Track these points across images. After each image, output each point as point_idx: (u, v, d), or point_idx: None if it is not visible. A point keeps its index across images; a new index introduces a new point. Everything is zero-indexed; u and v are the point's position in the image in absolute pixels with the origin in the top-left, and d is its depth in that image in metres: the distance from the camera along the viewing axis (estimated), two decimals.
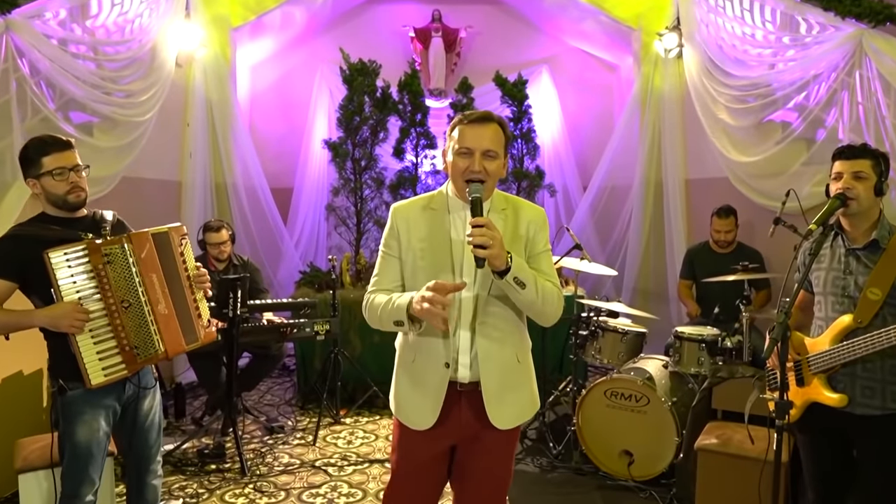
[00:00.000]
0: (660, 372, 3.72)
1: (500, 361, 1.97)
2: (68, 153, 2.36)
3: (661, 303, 5.79)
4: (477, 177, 1.89)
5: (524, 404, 2.05)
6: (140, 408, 2.50)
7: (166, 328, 2.41)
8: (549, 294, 1.93)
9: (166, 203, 5.40)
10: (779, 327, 1.94)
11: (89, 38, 4.24)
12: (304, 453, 4.01)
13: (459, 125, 1.96)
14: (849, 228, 2.22)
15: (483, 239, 1.75)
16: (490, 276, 1.88)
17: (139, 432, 2.52)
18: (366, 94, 5.67)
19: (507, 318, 1.99)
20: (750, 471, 2.64)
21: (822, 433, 2.27)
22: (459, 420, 1.98)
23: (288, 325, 4.08)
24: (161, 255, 2.44)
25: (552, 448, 3.95)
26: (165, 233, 2.50)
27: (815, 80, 4.10)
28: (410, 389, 2.02)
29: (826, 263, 2.26)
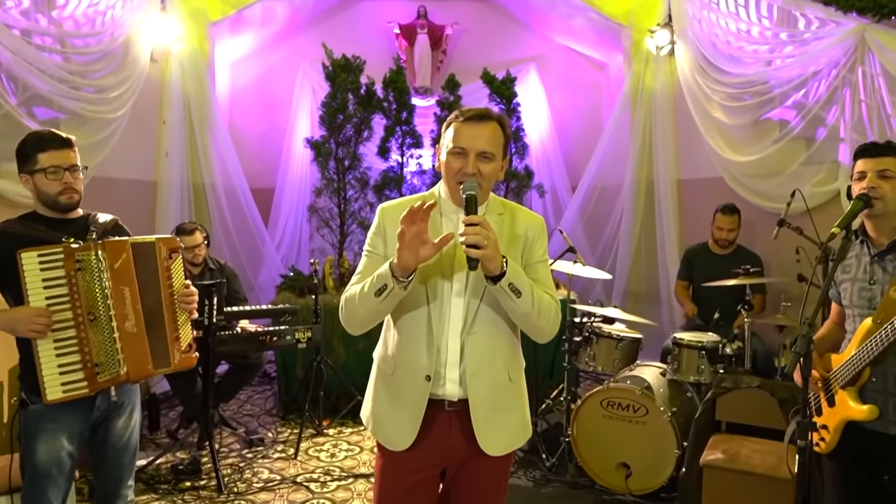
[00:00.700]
0: (658, 380, 3.57)
1: (491, 378, 1.81)
2: (66, 152, 2.24)
3: (653, 306, 5.65)
4: (471, 179, 1.74)
5: (515, 429, 1.88)
6: (113, 427, 2.31)
7: (132, 348, 2.21)
8: (545, 307, 1.77)
9: (140, 205, 5.17)
10: (801, 340, 1.77)
11: (55, 30, 4.01)
12: (285, 468, 3.80)
13: (455, 122, 1.81)
14: (873, 233, 2.07)
15: (477, 238, 1.60)
16: (483, 283, 1.74)
17: (111, 453, 2.33)
18: (350, 92, 5.47)
19: (500, 331, 1.83)
20: (759, 488, 2.50)
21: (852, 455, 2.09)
22: (448, 443, 1.82)
23: (268, 332, 3.88)
24: (141, 266, 2.26)
25: (545, 460, 3.78)
26: (151, 244, 2.31)
27: (815, 77, 3.99)
28: (389, 405, 1.86)
29: (852, 274, 2.10)
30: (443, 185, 1.88)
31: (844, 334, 2.18)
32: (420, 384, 1.78)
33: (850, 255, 2.12)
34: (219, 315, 3.53)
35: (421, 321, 1.80)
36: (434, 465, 1.86)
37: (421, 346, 1.79)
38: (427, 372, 1.78)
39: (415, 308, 1.80)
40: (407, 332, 1.82)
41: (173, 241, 2.38)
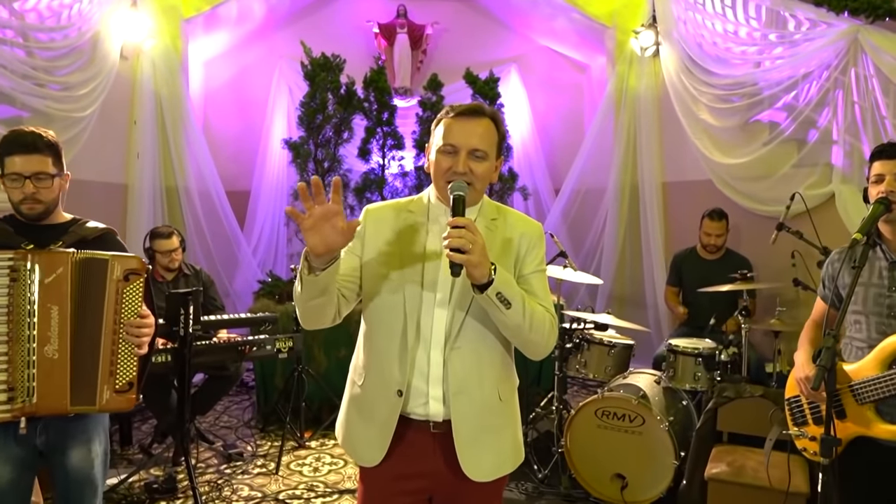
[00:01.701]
0: (653, 388, 3.47)
1: (479, 397, 1.67)
2: (31, 157, 2.02)
3: (639, 310, 5.58)
4: (462, 179, 1.61)
5: (505, 453, 1.73)
6: (68, 459, 2.08)
7: (47, 376, 1.95)
8: (538, 320, 1.63)
9: (110, 208, 4.95)
10: (826, 353, 1.67)
11: (17, 23, 3.80)
12: (266, 484, 3.63)
13: (445, 119, 1.68)
14: (891, 236, 1.98)
15: (461, 242, 1.46)
16: (468, 294, 1.61)
17: (70, 486, 2.10)
18: (329, 91, 5.31)
19: (488, 346, 1.68)
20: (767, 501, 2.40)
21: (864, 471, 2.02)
22: (433, 468, 1.68)
23: (247, 342, 3.70)
24: (84, 285, 2.00)
25: (538, 472, 3.66)
26: (103, 261, 2.02)
27: (806, 78, 3.95)
28: (358, 419, 1.73)
29: (865, 278, 2.01)
30: (433, 188, 1.75)
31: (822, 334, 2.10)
32: (391, 399, 1.65)
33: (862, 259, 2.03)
34: (195, 325, 3.35)
35: (395, 332, 1.66)
36: (420, 492, 1.72)
37: (392, 359, 1.65)
38: (399, 386, 1.64)
39: (389, 317, 1.67)
40: (379, 342, 1.69)
41: (134, 261, 2.07)
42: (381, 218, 1.75)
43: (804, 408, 2.15)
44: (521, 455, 1.80)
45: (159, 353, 3.42)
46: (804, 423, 2.15)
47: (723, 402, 2.91)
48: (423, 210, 1.74)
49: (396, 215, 1.74)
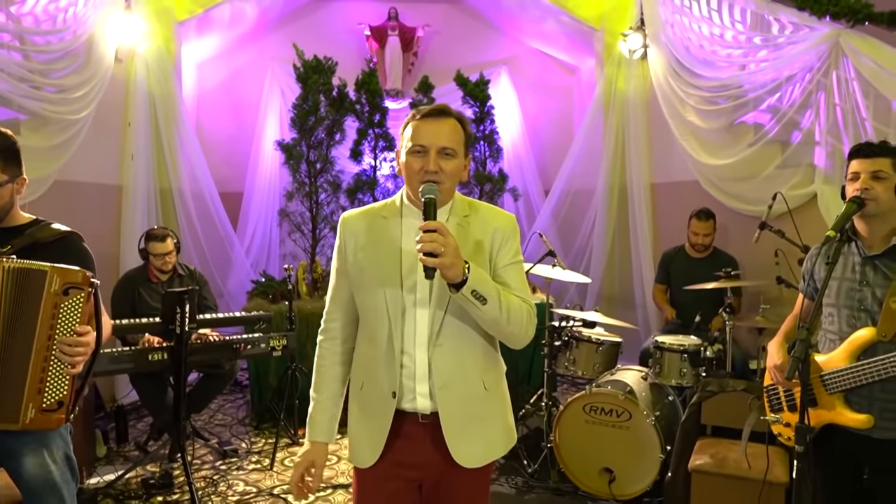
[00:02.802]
0: (640, 384, 3.55)
1: (463, 390, 1.73)
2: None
3: (628, 309, 5.67)
4: (432, 178, 1.66)
5: (494, 439, 1.79)
6: (22, 468, 2.02)
7: None
8: (516, 311, 1.67)
9: (105, 209, 4.99)
10: (801, 344, 1.75)
11: (14, 26, 3.84)
12: (261, 479, 3.69)
13: (412, 121, 1.72)
14: (865, 234, 2.06)
15: (433, 246, 1.51)
16: (446, 292, 1.65)
17: (31, 494, 2.05)
18: (321, 93, 5.36)
19: (469, 340, 1.74)
20: (749, 493, 2.48)
21: (836, 456, 2.10)
22: (421, 456, 1.74)
23: (242, 340, 3.76)
24: (18, 296, 1.88)
25: (527, 467, 3.73)
26: (41, 272, 1.89)
27: (789, 81, 4.03)
28: (359, 420, 1.79)
29: (838, 273, 2.09)
30: (405, 190, 1.79)
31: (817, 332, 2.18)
32: (386, 401, 1.71)
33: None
34: (191, 323, 3.40)
35: (382, 336, 1.72)
36: (409, 479, 1.78)
37: (381, 362, 1.72)
38: (392, 388, 1.70)
39: (376, 322, 1.73)
40: (369, 347, 1.76)
41: (76, 274, 1.93)
42: (356, 226, 1.79)
43: (780, 395, 2.23)
44: (512, 438, 1.86)
45: (155, 352, 3.47)
46: (780, 409, 2.23)
47: (707, 397, 2.99)
48: (396, 213, 1.78)
49: (371, 221, 1.79)
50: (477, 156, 5.91)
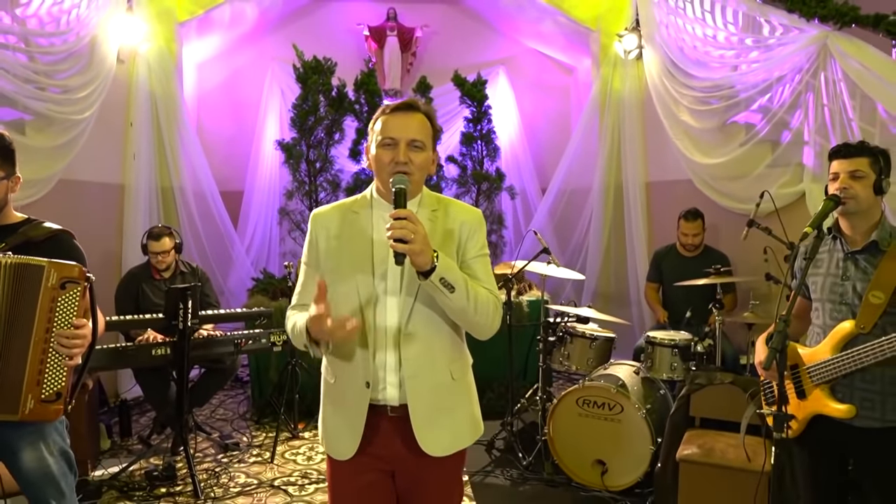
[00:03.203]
0: (632, 378, 3.63)
1: (431, 380, 1.77)
2: None
3: (623, 306, 5.74)
4: (403, 169, 1.71)
5: (461, 428, 1.83)
6: (21, 462, 2.08)
7: None
8: (482, 302, 1.72)
9: (107, 208, 5.07)
10: (778, 336, 1.84)
11: (19, 28, 3.91)
12: (262, 472, 3.77)
13: (382, 116, 1.77)
14: (848, 231, 2.14)
15: (403, 232, 1.56)
16: (415, 282, 1.70)
17: (31, 489, 2.12)
18: (321, 94, 5.45)
19: (438, 329, 1.78)
20: (734, 482, 2.56)
21: (820, 444, 2.18)
22: (391, 449, 1.78)
23: (243, 336, 3.84)
24: (16, 290, 1.94)
25: (522, 459, 3.82)
26: (38, 267, 1.94)
27: (780, 81, 4.11)
28: (333, 413, 1.84)
29: (824, 268, 2.18)
30: (374, 184, 1.85)
31: (804, 327, 2.26)
32: (360, 391, 1.75)
33: (822, 251, 2.19)
34: (194, 319, 3.48)
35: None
36: (381, 470, 1.82)
37: (358, 353, 1.76)
38: (366, 378, 1.74)
39: (348, 313, 1.73)
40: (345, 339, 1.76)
41: (72, 269, 1.99)
42: (328, 222, 1.84)
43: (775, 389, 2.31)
44: (479, 429, 1.89)
45: (159, 347, 3.55)
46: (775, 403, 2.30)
47: (695, 389, 3.08)
48: (367, 206, 1.83)
49: (343, 216, 1.84)
50: (474, 155, 5.99)
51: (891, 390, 2.03)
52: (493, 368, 4.79)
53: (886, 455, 2.05)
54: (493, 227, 6.16)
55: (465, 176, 5.98)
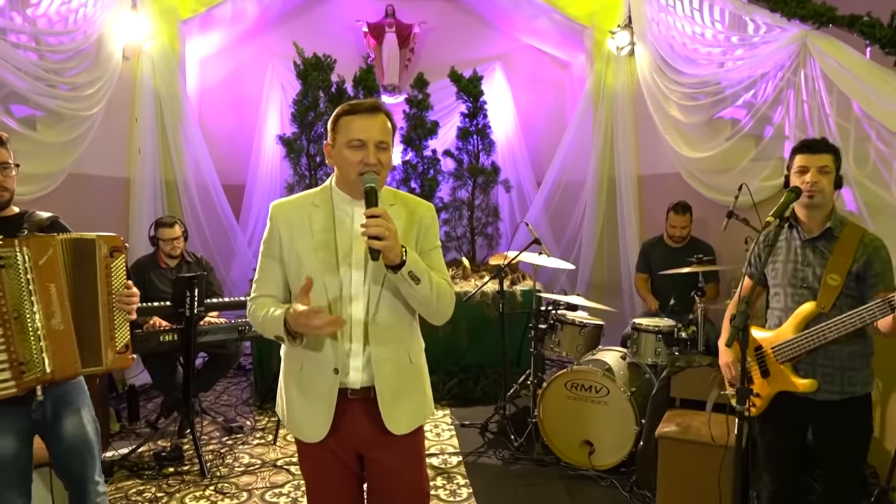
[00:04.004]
0: (618, 363, 3.80)
1: (394, 363, 1.89)
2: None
3: (615, 296, 5.91)
4: (373, 169, 1.80)
5: (418, 407, 1.97)
6: (62, 430, 2.29)
7: (58, 345, 2.17)
8: (443, 291, 1.86)
9: (114, 201, 5.23)
10: (740, 315, 2.01)
11: (30, 28, 4.06)
12: (265, 453, 3.95)
13: (347, 116, 1.84)
14: (806, 220, 2.31)
15: (379, 230, 1.67)
16: (380, 274, 1.81)
17: (69, 455, 2.32)
18: (321, 90, 5.60)
19: (399, 317, 1.91)
20: (709, 456, 2.73)
21: (785, 421, 2.35)
22: (354, 428, 1.89)
23: (246, 323, 4.01)
24: (75, 263, 2.22)
25: (514, 441, 3.99)
26: (91, 241, 2.25)
27: (763, 78, 4.25)
28: (300, 399, 1.90)
29: (783, 256, 2.35)
30: (333, 178, 1.93)
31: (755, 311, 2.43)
32: (329, 377, 1.83)
33: (779, 240, 2.36)
34: (200, 307, 3.65)
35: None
36: (347, 451, 1.92)
37: (325, 341, 1.83)
38: (335, 364, 1.83)
39: (315, 302, 1.79)
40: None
41: (116, 239, 2.30)
42: (290, 215, 1.90)
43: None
44: (431, 407, 2.02)
45: (166, 333, 3.71)
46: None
47: (675, 372, 3.24)
48: (328, 201, 1.90)
49: (303, 209, 1.90)
50: (470, 149, 6.14)
51: (848, 365, 2.21)
52: (488, 356, 4.97)
53: (845, 423, 2.24)
54: (488, 220, 6.33)
55: (461, 170, 6.13)
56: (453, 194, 6.26)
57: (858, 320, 2.08)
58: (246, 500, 3.36)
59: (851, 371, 2.22)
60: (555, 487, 3.52)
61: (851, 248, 2.21)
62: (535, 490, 3.49)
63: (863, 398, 2.25)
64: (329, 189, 1.93)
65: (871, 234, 2.26)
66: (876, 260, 2.20)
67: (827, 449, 2.29)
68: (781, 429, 2.37)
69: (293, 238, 1.88)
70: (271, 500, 3.37)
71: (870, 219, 3.36)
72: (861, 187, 3.43)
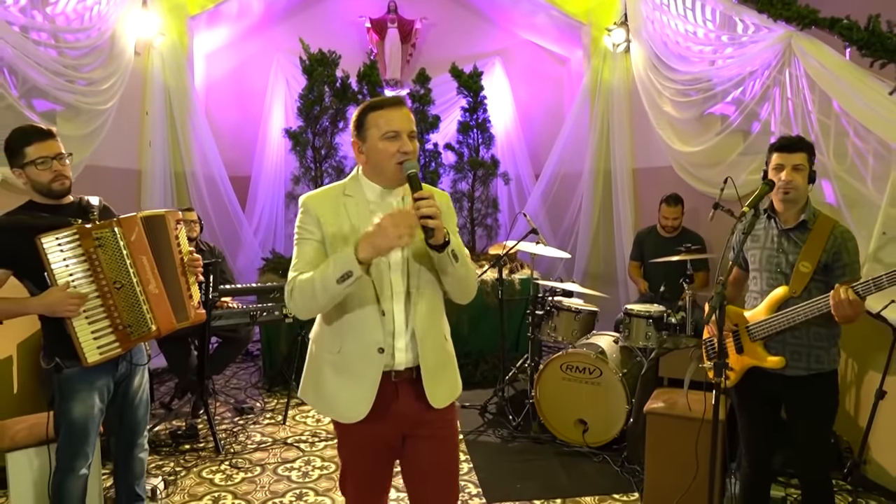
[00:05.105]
0: (611, 346, 4.01)
1: (434, 341, 1.98)
2: (50, 142, 2.42)
3: (611, 284, 6.12)
4: (410, 157, 1.88)
5: (453, 382, 2.07)
6: (131, 385, 2.64)
7: (158, 307, 2.51)
8: (471, 270, 1.98)
9: (126, 191, 5.41)
10: (716, 296, 2.21)
11: (50, 26, 4.23)
12: (276, 431, 4.15)
13: (374, 112, 1.92)
14: (783, 212, 2.51)
15: (431, 210, 1.75)
16: (416, 256, 1.91)
17: (129, 407, 2.65)
18: (325, 85, 5.78)
19: (435, 296, 2.00)
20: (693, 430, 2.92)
21: (758, 395, 2.56)
22: (400, 409, 1.94)
23: (258, 308, 4.21)
24: (154, 237, 2.55)
25: (512, 420, 4.20)
26: (162, 216, 2.62)
27: (751, 76, 4.43)
28: (336, 380, 1.92)
29: (761, 243, 2.55)
30: (360, 170, 1.99)
31: (739, 293, 2.65)
32: (374, 357, 1.88)
33: (758, 228, 2.57)
34: (214, 292, 3.85)
35: (368, 297, 1.88)
36: (392, 432, 1.97)
37: (371, 322, 1.89)
38: (380, 345, 1.88)
39: (358, 287, 1.83)
40: (353, 309, 1.90)
41: (176, 213, 2.71)
42: (325, 204, 1.95)
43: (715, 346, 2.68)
44: (460, 384, 2.12)
45: None
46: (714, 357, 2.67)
47: (663, 353, 3.45)
48: (360, 191, 1.97)
49: (337, 199, 1.96)
50: (470, 142, 6.33)
51: (815, 343, 2.42)
52: (488, 342, 5.18)
53: (811, 396, 2.45)
54: (488, 211, 6.52)
55: (461, 163, 6.32)
56: (454, 186, 6.44)
57: (824, 305, 2.29)
58: (259, 474, 3.57)
59: (818, 350, 2.42)
60: (551, 463, 3.73)
61: (823, 239, 2.41)
62: (532, 465, 3.70)
63: (829, 374, 2.46)
64: (357, 180, 2.00)
65: (842, 227, 2.46)
66: (844, 251, 2.39)
67: (795, 419, 2.50)
68: (756, 403, 2.57)
69: (332, 223, 1.93)
70: (283, 473, 3.58)
71: (847, 210, 3.55)
72: (840, 181, 3.63)
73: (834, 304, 2.24)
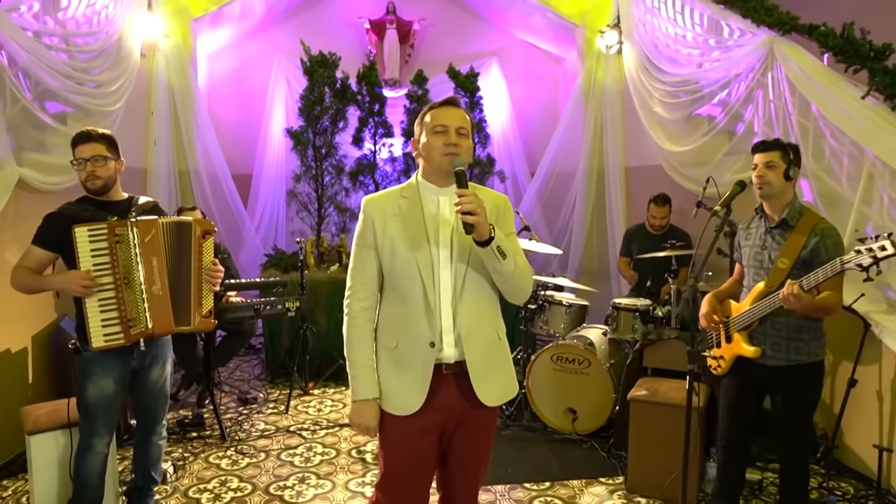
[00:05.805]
0: (600, 338, 4.19)
1: (483, 338, 2.00)
2: (88, 145, 2.69)
3: (603, 279, 6.30)
4: (454, 150, 1.93)
5: (508, 382, 2.09)
6: (150, 376, 2.83)
7: (157, 307, 2.66)
8: (523, 268, 1.98)
9: (133, 190, 5.38)
10: (689, 289, 2.40)
11: (61, 30, 4.39)
12: (279, 420, 4.33)
13: (431, 111, 2.02)
14: (768, 210, 2.69)
15: (471, 206, 1.79)
16: (466, 250, 1.95)
17: (149, 396, 2.86)
18: (326, 85, 5.94)
19: (485, 293, 2.02)
20: (674, 416, 3.10)
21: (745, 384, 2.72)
22: (447, 402, 1.99)
23: (262, 302, 4.38)
24: (174, 242, 2.73)
25: (504, 410, 4.38)
26: (188, 224, 2.78)
27: (736, 79, 4.59)
28: (394, 374, 2.00)
29: (752, 241, 2.74)
30: (419, 174, 2.06)
31: (741, 287, 2.82)
32: (426, 351, 1.95)
33: (752, 226, 2.76)
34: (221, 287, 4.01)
35: (418, 293, 1.95)
36: (436, 425, 2.01)
37: (421, 317, 1.95)
38: (431, 339, 1.94)
39: (409, 282, 1.95)
40: (406, 305, 1.98)
41: (208, 224, 2.85)
42: (382, 206, 2.03)
43: (711, 336, 2.86)
44: (516, 384, 2.14)
45: None
46: (710, 347, 2.85)
47: (647, 344, 3.62)
48: (415, 192, 2.04)
49: (393, 200, 2.04)
50: None
51: (794, 336, 2.58)
52: None
53: (790, 385, 2.61)
54: None
55: None
56: None
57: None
58: (264, 460, 3.75)
59: (798, 342, 2.58)
60: (542, 450, 3.91)
61: (803, 236, 2.56)
62: (524, 452, 3.87)
63: (809, 366, 2.59)
64: (415, 182, 2.08)
65: (825, 224, 2.58)
66: (822, 247, 2.52)
67: (776, 407, 2.67)
68: (740, 391, 2.75)
69: (386, 224, 2.01)
70: (286, 459, 3.76)
71: (824, 208, 3.72)
72: (817, 180, 3.80)
73: (781, 297, 2.41)
